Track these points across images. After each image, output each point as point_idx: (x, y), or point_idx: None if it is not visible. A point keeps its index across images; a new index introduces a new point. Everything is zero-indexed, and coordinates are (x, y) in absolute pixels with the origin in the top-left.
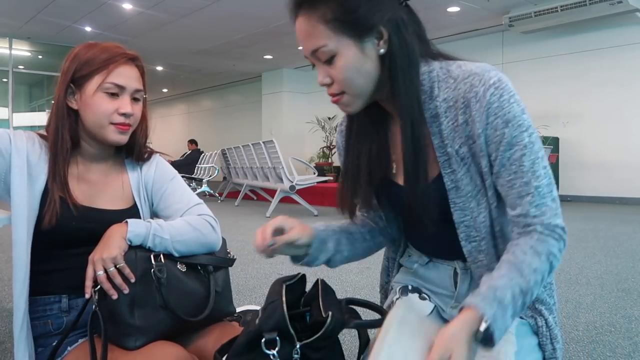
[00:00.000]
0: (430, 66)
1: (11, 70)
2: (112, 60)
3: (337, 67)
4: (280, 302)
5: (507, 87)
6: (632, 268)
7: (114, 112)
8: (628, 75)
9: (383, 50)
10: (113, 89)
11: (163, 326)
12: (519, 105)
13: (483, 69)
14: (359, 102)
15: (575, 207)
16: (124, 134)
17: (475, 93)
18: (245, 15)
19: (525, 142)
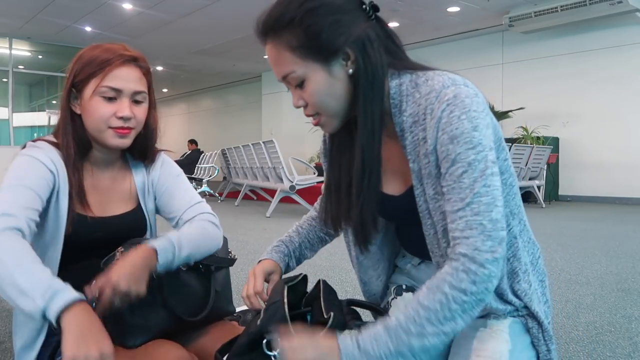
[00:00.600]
0: (400, 79)
1: (11, 70)
2: (109, 62)
3: (307, 91)
4: (281, 303)
5: (460, 104)
6: (632, 268)
7: (112, 115)
8: (628, 75)
9: (351, 70)
10: (109, 93)
11: (163, 325)
12: (471, 122)
13: (443, 85)
14: (335, 122)
15: (575, 207)
16: (124, 138)
17: (431, 110)
18: (245, 15)
19: (469, 159)
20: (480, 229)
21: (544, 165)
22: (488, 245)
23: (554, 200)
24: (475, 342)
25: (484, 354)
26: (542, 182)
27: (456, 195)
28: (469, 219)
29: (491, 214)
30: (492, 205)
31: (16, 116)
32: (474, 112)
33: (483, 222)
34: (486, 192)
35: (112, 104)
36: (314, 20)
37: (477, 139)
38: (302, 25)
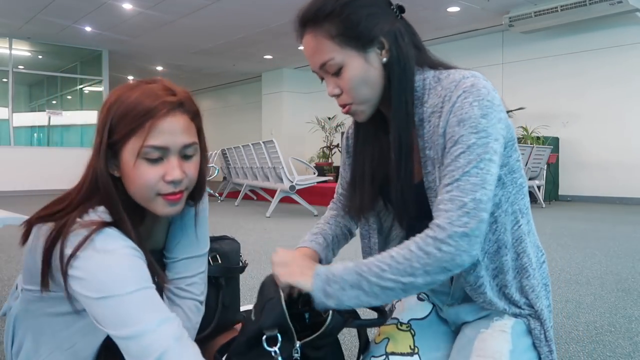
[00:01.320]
0: (424, 74)
1: (11, 70)
2: (149, 115)
3: (344, 78)
4: (278, 299)
5: (476, 92)
6: (632, 268)
7: (160, 180)
8: (628, 75)
9: (385, 59)
10: (154, 154)
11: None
12: (481, 109)
13: (463, 76)
14: (368, 109)
15: (575, 207)
16: (177, 205)
17: (449, 97)
18: (245, 15)
19: (470, 142)
20: (460, 205)
21: (544, 165)
22: (463, 221)
23: (554, 200)
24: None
25: (484, 354)
26: (542, 182)
27: (449, 172)
28: (453, 194)
29: (475, 194)
30: (478, 186)
31: (16, 116)
32: (487, 102)
33: (464, 199)
34: (476, 174)
35: (158, 167)
36: (353, 11)
37: (483, 125)
38: (342, 15)
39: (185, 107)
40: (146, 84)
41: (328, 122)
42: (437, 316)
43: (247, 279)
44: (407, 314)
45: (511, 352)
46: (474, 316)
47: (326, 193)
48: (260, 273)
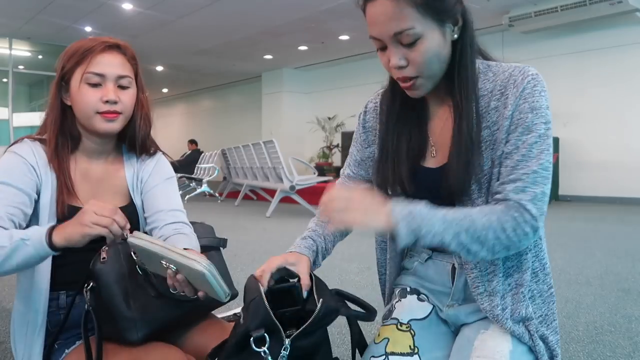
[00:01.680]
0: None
1: (11, 70)
2: (92, 49)
3: (419, 50)
4: (260, 298)
5: (542, 82)
6: (632, 268)
7: (98, 100)
8: (628, 75)
9: (456, 36)
10: (94, 79)
11: (162, 314)
12: (547, 101)
13: (524, 65)
14: (430, 85)
15: (575, 207)
16: (113, 122)
17: (514, 80)
18: (245, 15)
19: (541, 132)
20: (534, 197)
21: None
22: (534, 211)
23: (554, 200)
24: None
25: (484, 354)
26: None
27: (524, 162)
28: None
29: (544, 187)
30: (547, 180)
31: (16, 116)
32: (548, 95)
33: (537, 191)
34: (547, 167)
35: (97, 90)
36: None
37: (548, 117)
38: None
39: (121, 49)
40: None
41: (328, 122)
42: (437, 317)
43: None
44: (407, 314)
45: (511, 352)
46: (473, 317)
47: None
48: None
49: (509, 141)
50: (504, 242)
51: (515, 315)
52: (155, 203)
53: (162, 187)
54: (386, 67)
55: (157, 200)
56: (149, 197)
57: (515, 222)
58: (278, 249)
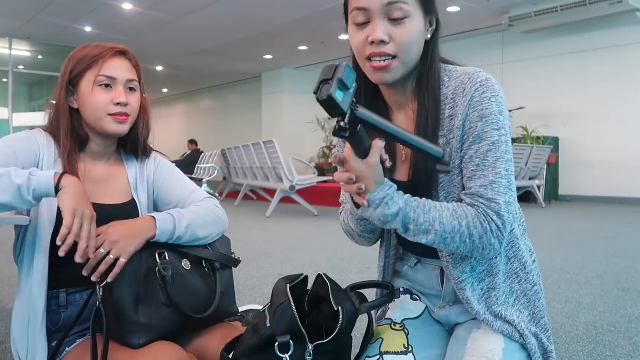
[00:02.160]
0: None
1: (11, 70)
2: (101, 55)
3: (405, 29)
4: (288, 304)
5: (492, 87)
6: (632, 268)
7: (110, 103)
8: (628, 75)
9: (429, 36)
10: (106, 81)
11: (167, 324)
12: (499, 106)
13: (475, 71)
14: (401, 73)
15: (575, 207)
16: (123, 124)
17: (463, 89)
18: (245, 15)
19: (494, 139)
20: (497, 206)
21: (544, 165)
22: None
23: (554, 200)
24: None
25: (478, 354)
26: (542, 182)
27: (480, 172)
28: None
29: (506, 196)
30: (507, 188)
31: (16, 116)
32: (501, 99)
33: (500, 201)
34: (505, 175)
35: (109, 92)
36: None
37: (502, 122)
38: None
39: (127, 55)
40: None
41: (328, 122)
42: (430, 315)
43: (248, 279)
44: (400, 313)
45: (504, 350)
46: (465, 317)
47: (326, 193)
48: (260, 273)
49: (464, 152)
50: (469, 248)
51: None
52: (174, 194)
53: (172, 178)
54: (359, 47)
55: (175, 191)
56: (164, 191)
57: (482, 231)
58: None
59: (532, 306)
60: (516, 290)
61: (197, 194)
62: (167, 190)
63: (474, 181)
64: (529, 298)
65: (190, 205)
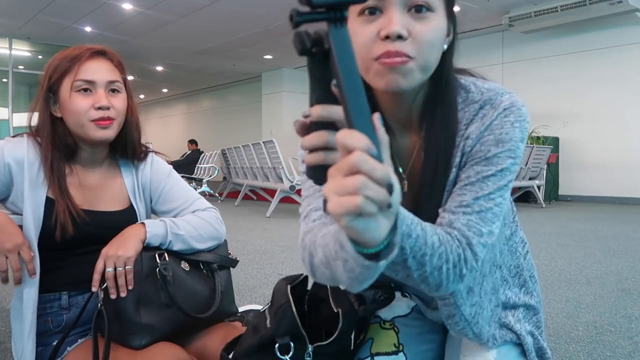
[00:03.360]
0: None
1: (11, 70)
2: (78, 57)
3: (428, 25)
4: (289, 305)
5: (517, 111)
6: (632, 268)
7: (90, 108)
8: (628, 75)
9: (446, 46)
10: (84, 86)
11: (168, 325)
12: (522, 133)
13: (497, 92)
14: (418, 78)
15: (575, 207)
16: (107, 129)
17: (483, 114)
18: (245, 15)
19: (504, 166)
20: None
21: (544, 165)
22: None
23: (554, 200)
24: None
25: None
26: (542, 182)
27: (474, 193)
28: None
29: (492, 226)
30: (497, 218)
31: (16, 116)
32: (526, 124)
33: (483, 230)
34: (500, 203)
35: (89, 97)
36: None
37: (520, 151)
38: None
39: (107, 55)
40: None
41: None
42: (419, 311)
43: (248, 278)
44: (389, 311)
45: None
46: None
47: None
48: (260, 273)
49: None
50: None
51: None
52: (173, 204)
53: (169, 186)
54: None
55: (174, 202)
56: (163, 198)
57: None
58: (278, 249)
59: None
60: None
61: (198, 203)
62: (167, 199)
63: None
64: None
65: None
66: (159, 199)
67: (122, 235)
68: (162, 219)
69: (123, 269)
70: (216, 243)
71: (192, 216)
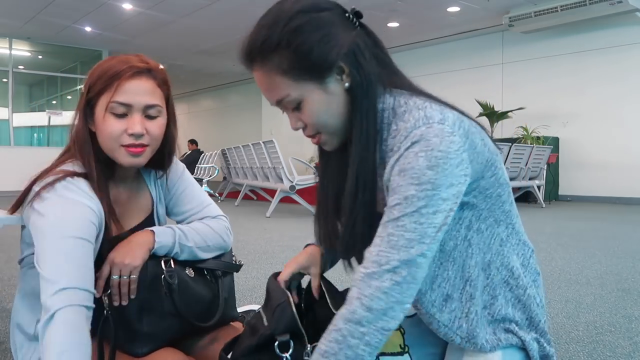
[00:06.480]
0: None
1: (11, 70)
2: (117, 76)
3: (305, 113)
4: (287, 304)
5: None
6: (632, 268)
7: (123, 133)
8: (628, 75)
9: (347, 84)
10: (119, 109)
11: (170, 333)
12: (428, 161)
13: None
14: (336, 139)
15: (575, 207)
16: (138, 157)
17: (398, 147)
18: (245, 15)
19: (408, 194)
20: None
21: (544, 165)
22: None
23: (554, 200)
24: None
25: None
26: (542, 182)
27: (383, 223)
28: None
29: (409, 251)
30: (414, 242)
31: (16, 116)
32: (438, 152)
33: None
34: (414, 229)
35: (123, 121)
36: (302, 39)
37: (428, 177)
38: (291, 46)
39: (152, 73)
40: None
41: None
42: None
43: (248, 279)
44: None
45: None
46: None
47: None
48: (260, 273)
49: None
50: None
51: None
52: (185, 207)
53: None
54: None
55: (185, 205)
56: (174, 203)
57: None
58: (278, 249)
59: (528, 310)
60: (510, 298)
61: (210, 209)
62: (180, 201)
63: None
64: (523, 303)
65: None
66: (171, 201)
67: (130, 241)
68: (171, 227)
69: (128, 278)
70: (221, 252)
71: (202, 225)
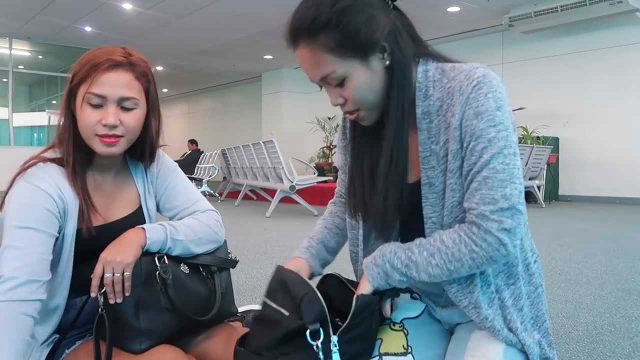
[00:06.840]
0: (427, 65)
1: (11, 70)
2: (95, 67)
3: (348, 89)
4: (314, 293)
5: (489, 83)
6: (632, 268)
7: (97, 123)
8: (628, 75)
9: (388, 62)
10: (94, 100)
11: (168, 328)
12: (496, 102)
13: (472, 67)
14: (374, 114)
15: (575, 207)
16: (112, 147)
17: (459, 86)
18: (245, 15)
19: (490, 136)
20: (493, 202)
21: (544, 165)
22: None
23: (554, 200)
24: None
25: (478, 354)
26: (542, 182)
27: (475, 168)
28: (484, 192)
29: (505, 190)
30: (506, 182)
31: (16, 116)
32: (499, 94)
33: (495, 196)
34: (503, 170)
35: (98, 111)
36: (350, 19)
37: (499, 118)
38: (339, 25)
39: (131, 66)
40: (113, 47)
41: (328, 122)
42: (430, 314)
43: (248, 279)
44: (399, 313)
45: (505, 351)
46: (467, 317)
47: (326, 193)
48: (260, 273)
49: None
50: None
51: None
52: (177, 201)
53: (173, 184)
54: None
55: (175, 199)
56: (167, 196)
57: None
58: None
59: (535, 309)
60: (521, 293)
61: (200, 204)
62: (171, 196)
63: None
64: (532, 301)
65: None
66: (162, 196)
67: (121, 240)
68: (162, 223)
69: (121, 275)
70: (215, 246)
71: (192, 219)
